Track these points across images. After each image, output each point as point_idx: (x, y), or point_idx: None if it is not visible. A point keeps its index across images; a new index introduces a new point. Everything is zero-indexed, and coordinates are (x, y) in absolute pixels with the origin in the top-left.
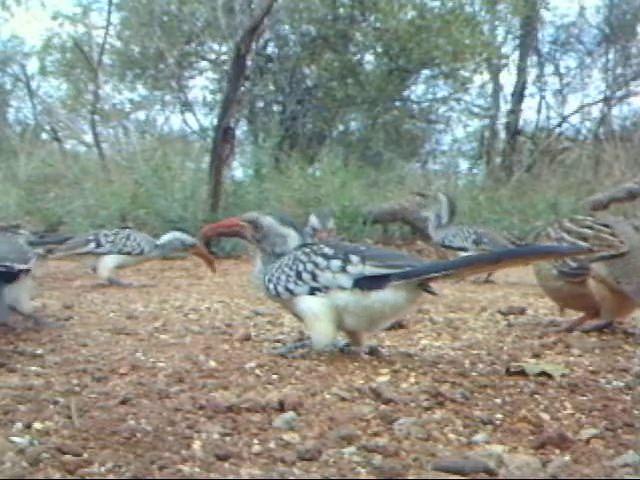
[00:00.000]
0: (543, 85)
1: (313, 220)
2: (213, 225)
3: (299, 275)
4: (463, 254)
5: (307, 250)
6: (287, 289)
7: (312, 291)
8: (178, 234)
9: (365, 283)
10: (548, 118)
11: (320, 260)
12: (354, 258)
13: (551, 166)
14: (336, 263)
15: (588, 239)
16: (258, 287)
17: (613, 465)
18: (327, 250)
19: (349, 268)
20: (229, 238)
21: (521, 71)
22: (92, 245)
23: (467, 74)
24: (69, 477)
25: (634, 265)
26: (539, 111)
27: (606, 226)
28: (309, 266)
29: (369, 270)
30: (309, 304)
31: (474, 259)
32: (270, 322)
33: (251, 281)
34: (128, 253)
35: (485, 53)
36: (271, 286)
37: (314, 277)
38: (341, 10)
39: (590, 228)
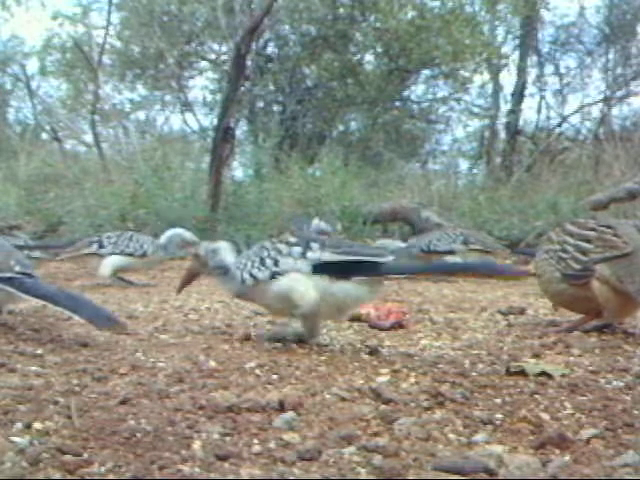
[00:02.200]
0: (543, 85)
1: (322, 224)
2: (181, 281)
3: (262, 261)
4: (450, 257)
5: (274, 239)
6: (251, 275)
7: (273, 275)
8: (179, 230)
9: (332, 274)
10: (548, 118)
11: (283, 247)
12: (314, 245)
13: (551, 166)
14: (297, 250)
15: (591, 241)
16: (231, 294)
17: (613, 465)
18: (291, 239)
19: (309, 254)
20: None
21: (521, 71)
22: (95, 246)
23: (467, 74)
24: (69, 477)
25: (637, 265)
26: (539, 111)
27: (609, 227)
28: (272, 253)
29: (327, 256)
30: (284, 281)
31: (435, 268)
32: (270, 322)
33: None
34: (130, 254)
35: (485, 53)
36: (238, 273)
37: (275, 263)
38: (341, 10)
39: (593, 230)
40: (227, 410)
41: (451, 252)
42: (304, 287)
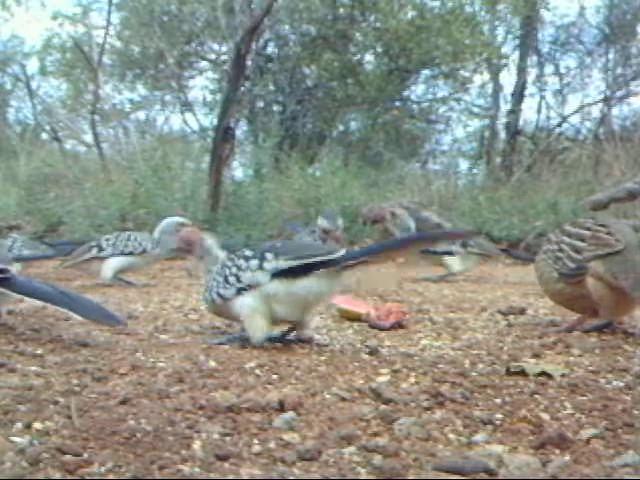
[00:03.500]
0: (543, 85)
1: (322, 222)
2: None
3: (226, 279)
4: (448, 257)
5: (232, 256)
6: (219, 294)
7: (239, 291)
8: (168, 219)
9: (290, 273)
10: (548, 118)
11: (242, 262)
12: (269, 255)
13: (551, 166)
14: (254, 262)
15: (585, 239)
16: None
17: (613, 465)
18: (247, 252)
19: (265, 265)
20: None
21: (521, 71)
22: (95, 250)
23: (467, 74)
24: (69, 477)
25: (631, 261)
26: (539, 111)
27: (603, 226)
28: (234, 270)
29: (282, 264)
30: (243, 302)
31: (386, 245)
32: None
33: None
34: (130, 253)
35: (485, 53)
36: (207, 295)
37: (238, 279)
38: (341, 10)
39: (588, 229)
40: (227, 410)
41: (449, 253)
42: (259, 320)
